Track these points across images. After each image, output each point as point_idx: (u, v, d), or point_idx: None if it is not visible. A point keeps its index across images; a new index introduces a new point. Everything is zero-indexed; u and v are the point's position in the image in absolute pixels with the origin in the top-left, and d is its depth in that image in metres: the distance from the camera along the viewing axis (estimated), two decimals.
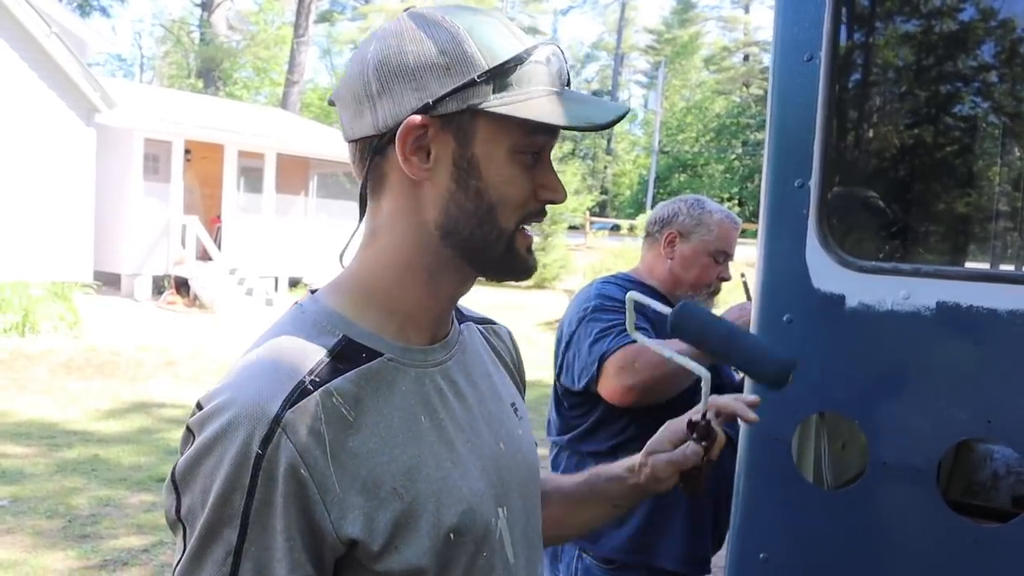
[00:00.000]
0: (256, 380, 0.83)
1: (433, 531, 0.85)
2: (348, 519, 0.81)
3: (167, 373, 9.35)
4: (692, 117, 43.59)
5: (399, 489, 0.83)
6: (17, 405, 7.72)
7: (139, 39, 48.94)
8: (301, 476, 0.79)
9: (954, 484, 2.15)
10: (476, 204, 0.87)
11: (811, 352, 1.42)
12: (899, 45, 1.47)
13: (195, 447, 0.80)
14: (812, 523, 1.43)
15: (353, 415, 0.84)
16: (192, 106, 17.53)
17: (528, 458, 1.04)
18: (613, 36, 54.80)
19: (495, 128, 0.86)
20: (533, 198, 0.90)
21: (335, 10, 42.41)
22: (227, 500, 0.78)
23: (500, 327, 1.16)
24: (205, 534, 0.79)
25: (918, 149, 1.53)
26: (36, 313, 10.71)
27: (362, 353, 0.88)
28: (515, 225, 0.89)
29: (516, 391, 1.11)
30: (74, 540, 4.70)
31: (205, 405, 0.82)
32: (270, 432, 0.79)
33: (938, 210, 1.62)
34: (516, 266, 0.91)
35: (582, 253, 22.29)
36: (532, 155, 0.89)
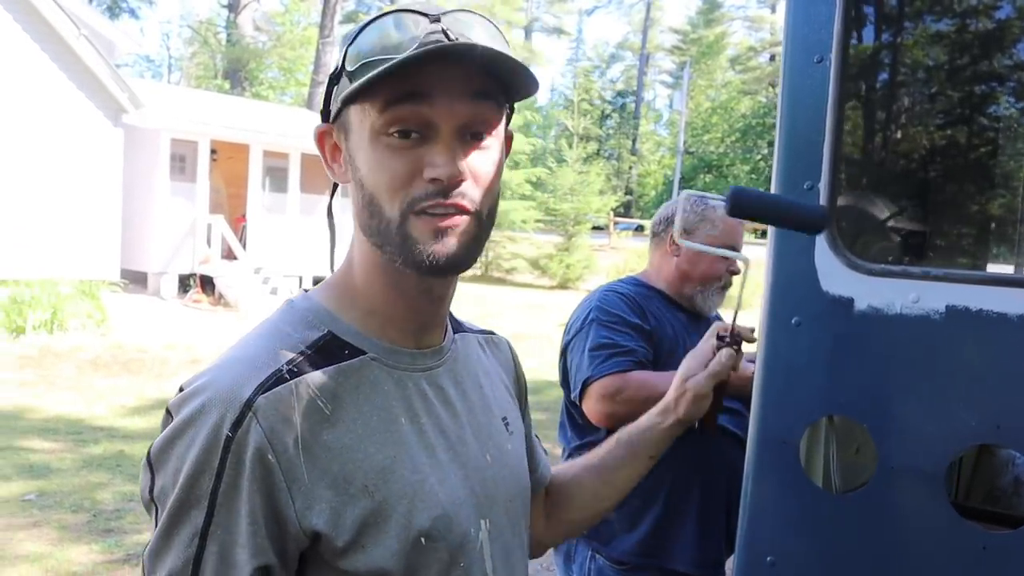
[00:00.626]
0: (234, 366, 0.84)
1: (402, 533, 0.83)
2: (314, 511, 0.80)
3: (191, 371, 9.43)
4: (718, 117, 43.32)
5: (370, 487, 0.83)
6: (45, 401, 7.85)
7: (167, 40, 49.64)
8: (268, 461, 0.79)
9: (974, 490, 2.12)
10: (361, 195, 0.86)
11: (819, 355, 1.41)
12: (910, 46, 1.46)
13: (170, 428, 0.82)
14: (820, 527, 1.42)
15: (330, 409, 0.83)
16: (218, 106, 17.70)
17: (516, 474, 1.02)
18: (638, 36, 54.58)
19: (358, 117, 0.84)
20: (418, 179, 0.83)
21: (360, 11, 42.63)
22: (196, 481, 0.79)
23: (499, 338, 1.15)
24: (174, 514, 0.79)
25: (928, 151, 1.52)
26: (64, 311, 10.86)
27: (345, 350, 0.88)
28: (399, 211, 0.83)
29: (511, 405, 1.08)
30: (98, 534, 4.77)
31: (186, 388, 0.84)
32: (240, 416, 0.79)
33: (949, 213, 1.60)
34: (415, 256, 0.84)
35: (606, 253, 22.25)
36: (405, 134, 0.82)
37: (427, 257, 0.83)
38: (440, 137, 0.82)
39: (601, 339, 2.02)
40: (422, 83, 0.80)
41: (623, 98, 53.85)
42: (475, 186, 0.85)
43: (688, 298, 2.19)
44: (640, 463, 1.21)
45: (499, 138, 0.88)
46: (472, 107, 0.83)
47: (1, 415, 7.24)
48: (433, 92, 0.81)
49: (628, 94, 53.70)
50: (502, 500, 0.96)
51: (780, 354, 1.43)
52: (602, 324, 2.05)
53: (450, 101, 0.82)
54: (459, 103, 0.82)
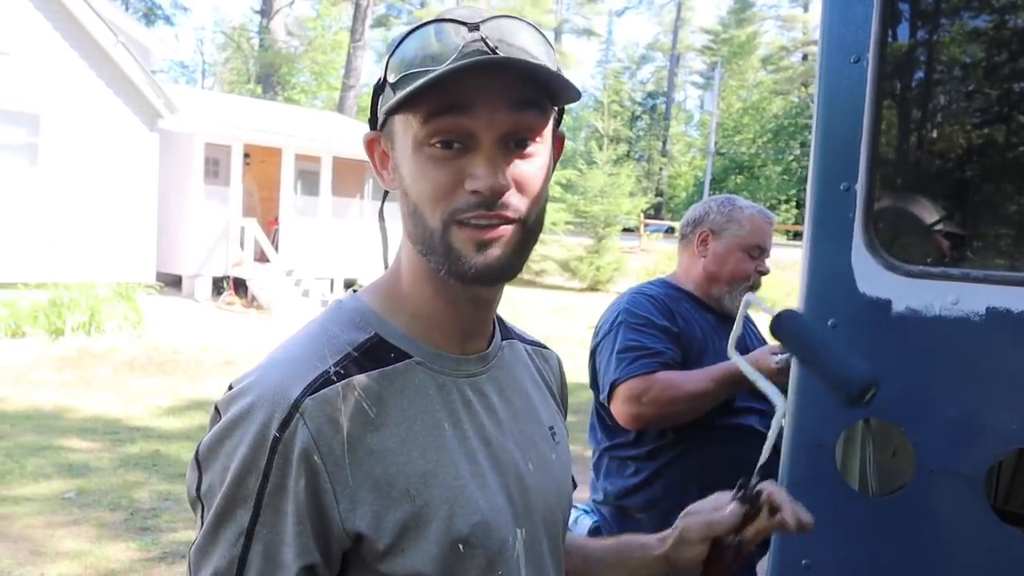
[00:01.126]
0: (282, 366, 0.84)
1: (442, 538, 0.83)
2: (357, 513, 0.81)
3: (226, 372, 9.57)
4: (749, 118, 42.97)
5: (412, 491, 0.83)
6: (83, 401, 7.99)
7: (201, 46, 50.20)
8: (314, 462, 0.79)
9: (1014, 495, 2.08)
10: (406, 205, 0.86)
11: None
12: (949, 46, 1.44)
13: (219, 427, 0.82)
14: (856, 530, 1.41)
15: (375, 412, 0.84)
16: (251, 111, 17.91)
17: (559, 484, 1.00)
18: (669, 37, 54.33)
19: (402, 127, 0.85)
20: (460, 190, 0.82)
21: (391, 15, 42.90)
22: (243, 481, 0.79)
23: (550, 352, 1.13)
24: (221, 512, 0.80)
25: (967, 152, 1.50)
26: (102, 313, 11.05)
27: (391, 353, 0.88)
28: (443, 221, 0.83)
29: (559, 416, 1.08)
30: (135, 532, 4.85)
31: (235, 387, 0.84)
32: (288, 416, 0.79)
33: (988, 214, 1.58)
34: (457, 266, 0.84)
35: (636, 255, 22.16)
36: (447, 144, 0.82)
37: (469, 268, 0.84)
38: (481, 148, 0.82)
39: (628, 341, 2.02)
40: (462, 94, 0.80)
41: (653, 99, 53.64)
42: (520, 195, 0.84)
43: (716, 299, 2.19)
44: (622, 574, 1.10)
45: (546, 143, 0.87)
46: (514, 116, 0.82)
47: (41, 415, 7.39)
48: (474, 103, 0.81)
49: (658, 95, 53.47)
50: (540, 510, 0.95)
51: None
52: (630, 327, 2.05)
53: (490, 112, 0.81)
54: (500, 113, 0.81)
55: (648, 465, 2.09)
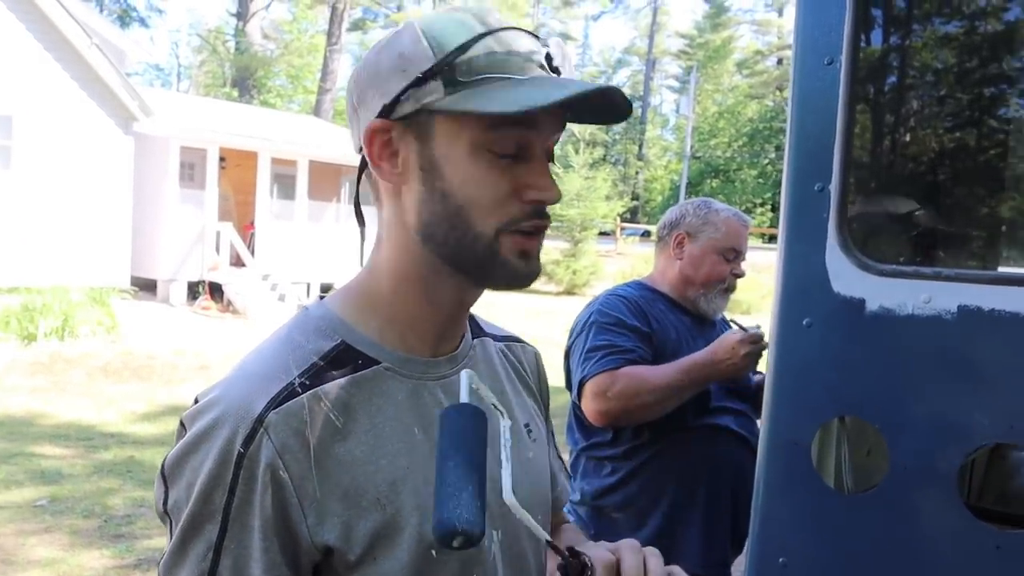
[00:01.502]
0: (247, 379, 0.83)
1: (414, 546, 0.83)
2: (325, 526, 0.80)
3: (201, 377, 9.49)
4: (724, 122, 43.30)
5: (382, 500, 0.82)
6: (56, 407, 7.89)
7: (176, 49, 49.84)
8: (280, 477, 0.79)
9: (987, 492, 2.12)
10: (444, 206, 0.84)
11: (831, 356, 1.41)
12: (920, 48, 1.47)
13: (184, 441, 0.81)
14: (832, 528, 1.42)
15: (342, 421, 0.83)
16: (227, 114, 17.78)
17: (535, 482, 0.99)
18: (645, 41, 54.63)
19: (452, 125, 0.82)
20: (516, 199, 0.83)
21: (368, 18, 42.80)
22: (209, 496, 0.79)
23: (527, 347, 1.12)
24: (188, 528, 0.80)
25: (939, 152, 1.52)
26: (75, 317, 10.91)
27: (358, 360, 0.86)
28: (494, 229, 0.83)
29: (535, 413, 1.06)
30: (110, 539, 4.79)
31: (200, 400, 0.84)
32: (252, 431, 0.79)
33: (959, 213, 1.60)
34: (500, 272, 0.85)
35: (613, 259, 22.24)
36: (507, 153, 0.83)
37: (513, 275, 0.85)
38: (536, 158, 0.84)
39: (598, 341, 2.04)
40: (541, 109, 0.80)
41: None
42: None
43: (692, 301, 2.21)
44: None
45: None
46: (557, 133, 0.86)
47: (13, 421, 7.28)
48: (541, 119, 0.83)
49: (635, 99, 53.69)
50: None
51: (791, 355, 1.44)
52: (601, 327, 2.07)
53: (548, 127, 0.84)
54: (552, 128, 0.85)
55: (624, 465, 2.10)
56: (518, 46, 0.82)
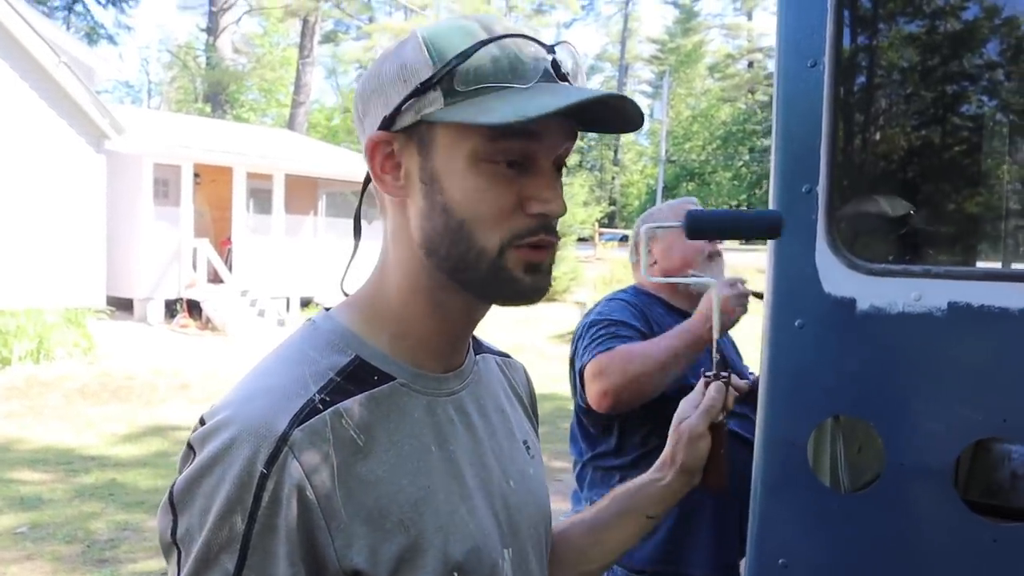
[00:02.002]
0: (263, 396, 0.78)
1: (439, 568, 0.80)
2: (353, 548, 0.76)
3: (181, 396, 9.39)
4: (698, 125, 43.60)
5: (406, 521, 0.79)
6: (34, 431, 7.77)
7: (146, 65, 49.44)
8: (307, 499, 0.74)
9: (972, 485, 2.13)
10: (445, 221, 0.81)
11: (824, 356, 1.42)
12: (903, 48, 1.48)
13: (195, 465, 0.75)
14: (830, 527, 1.42)
15: (363, 440, 0.79)
16: (200, 130, 17.67)
17: (539, 499, 0.98)
18: (617, 47, 54.95)
19: (452, 137, 0.80)
20: (520, 211, 0.81)
21: (339, 30, 42.68)
22: (227, 522, 0.73)
23: (515, 362, 1.11)
24: (201, 559, 0.73)
25: (925, 151, 1.53)
26: (50, 339, 10.78)
27: (374, 376, 0.83)
28: (499, 243, 0.80)
29: (531, 429, 1.06)
30: (94, 565, 4.72)
31: (208, 420, 0.78)
32: (276, 451, 0.74)
33: (947, 211, 1.62)
34: (507, 288, 0.82)
35: (592, 265, 22.28)
36: (510, 163, 0.80)
37: (521, 290, 0.82)
38: (542, 170, 0.81)
39: (598, 336, 2.04)
40: (539, 122, 0.77)
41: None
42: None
43: (684, 291, 2.22)
44: (634, 523, 1.11)
45: None
46: (565, 144, 0.83)
47: None
48: (546, 130, 0.80)
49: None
50: (525, 527, 0.93)
51: (784, 357, 1.44)
52: (601, 326, 2.08)
53: (552, 136, 0.81)
54: (558, 139, 0.82)
55: (633, 474, 2.08)
56: (523, 54, 0.80)
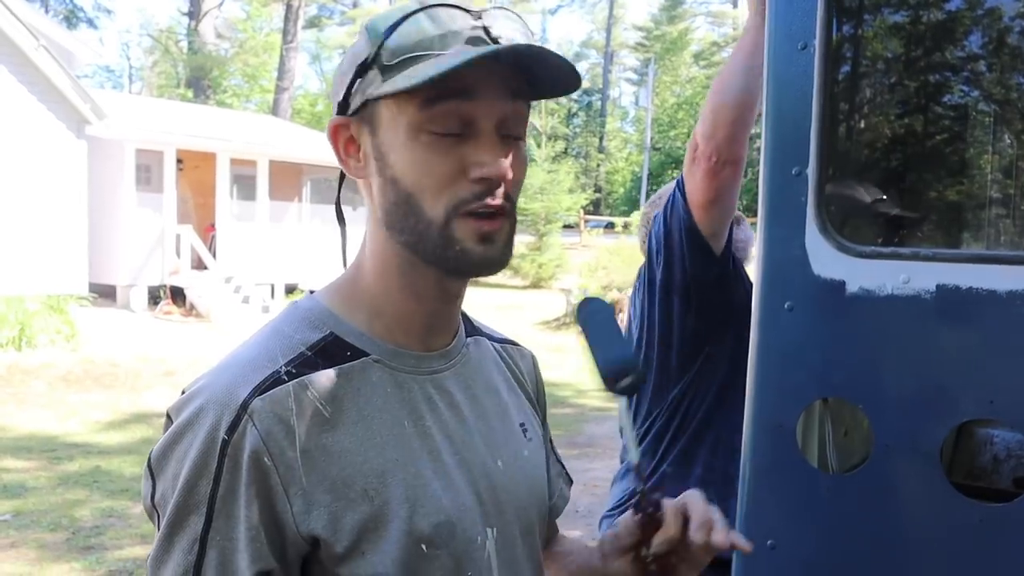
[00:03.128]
0: (232, 368, 0.83)
1: (403, 539, 0.81)
2: (312, 515, 0.78)
3: (166, 383, 9.34)
4: (683, 113, 43.59)
5: (370, 491, 0.81)
6: (16, 419, 7.71)
7: (127, 50, 48.89)
8: (264, 464, 0.77)
9: (956, 468, 2.16)
10: (395, 194, 0.83)
11: (813, 338, 1.43)
12: (893, 32, 1.48)
13: (169, 432, 0.80)
14: (819, 509, 1.44)
15: (329, 411, 0.82)
16: (182, 115, 17.51)
17: (532, 482, 0.98)
18: (602, 34, 54.84)
19: (392, 112, 0.82)
20: (463, 178, 0.81)
21: (323, 15, 42.35)
22: (194, 486, 0.77)
23: (524, 350, 1.11)
24: (174, 520, 0.78)
25: (915, 134, 1.54)
26: (32, 327, 10.68)
27: (347, 351, 0.86)
28: (444, 212, 0.81)
29: (532, 414, 1.05)
30: (79, 552, 4.70)
31: (186, 391, 0.83)
32: (236, 418, 0.78)
33: (936, 194, 1.63)
34: (460, 259, 0.83)
35: (578, 252, 22.31)
36: (449, 133, 0.81)
37: (471, 261, 0.83)
38: (483, 135, 0.81)
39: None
40: (467, 81, 0.79)
41: (589, 96, 54.03)
42: (512, 187, 0.84)
43: None
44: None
45: (525, 135, 0.87)
46: (510, 105, 0.82)
47: None
48: (477, 90, 0.80)
49: (594, 92, 53.89)
50: (512, 509, 0.93)
51: (773, 339, 1.45)
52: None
53: (492, 99, 0.81)
54: (500, 101, 0.81)
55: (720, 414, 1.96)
56: (455, 23, 0.80)
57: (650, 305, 1.94)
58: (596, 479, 6.48)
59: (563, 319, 15.45)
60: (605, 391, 0.90)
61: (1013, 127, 1.99)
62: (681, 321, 1.88)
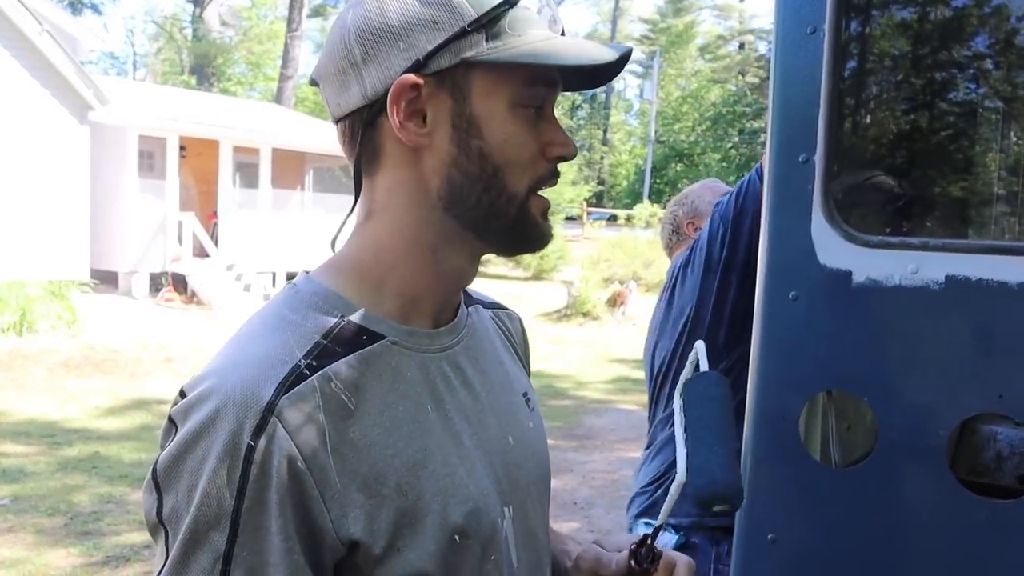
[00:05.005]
0: (246, 364, 0.75)
1: (439, 532, 0.77)
2: (349, 518, 0.73)
3: (166, 370, 9.33)
4: (688, 106, 43.47)
5: (403, 486, 0.76)
6: (16, 404, 7.70)
7: (131, 36, 48.63)
8: (298, 470, 0.71)
9: (958, 464, 2.13)
10: (481, 167, 0.79)
11: (818, 329, 1.40)
12: (905, 15, 1.45)
13: (178, 440, 0.72)
14: (821, 503, 1.41)
15: (354, 403, 0.76)
16: (186, 102, 17.46)
17: (537, 454, 0.94)
18: (608, 26, 54.64)
19: (493, 81, 0.79)
20: (542, 158, 0.82)
21: (328, 4, 42.18)
22: (214, 499, 0.69)
23: (511, 312, 1.08)
24: (190, 538, 0.70)
25: (926, 121, 1.51)
26: (33, 312, 10.67)
27: (362, 335, 0.79)
28: (526, 188, 0.82)
29: (528, 380, 1.02)
30: (76, 537, 4.69)
31: (189, 392, 0.74)
32: (262, 421, 0.70)
33: (945, 183, 1.60)
34: (531, 233, 0.84)
35: (580, 244, 22.27)
36: (535, 110, 0.82)
37: (541, 235, 0.85)
38: (551, 117, 0.83)
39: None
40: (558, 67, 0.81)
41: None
42: None
43: None
44: None
45: None
46: None
47: None
48: (560, 78, 0.83)
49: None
50: (524, 484, 0.90)
51: (778, 329, 1.42)
52: None
53: (559, 86, 0.85)
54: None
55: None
56: (546, 10, 0.83)
57: (706, 284, 2.08)
58: (594, 471, 6.47)
59: (564, 311, 15.44)
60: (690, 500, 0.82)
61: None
62: (735, 299, 2.02)
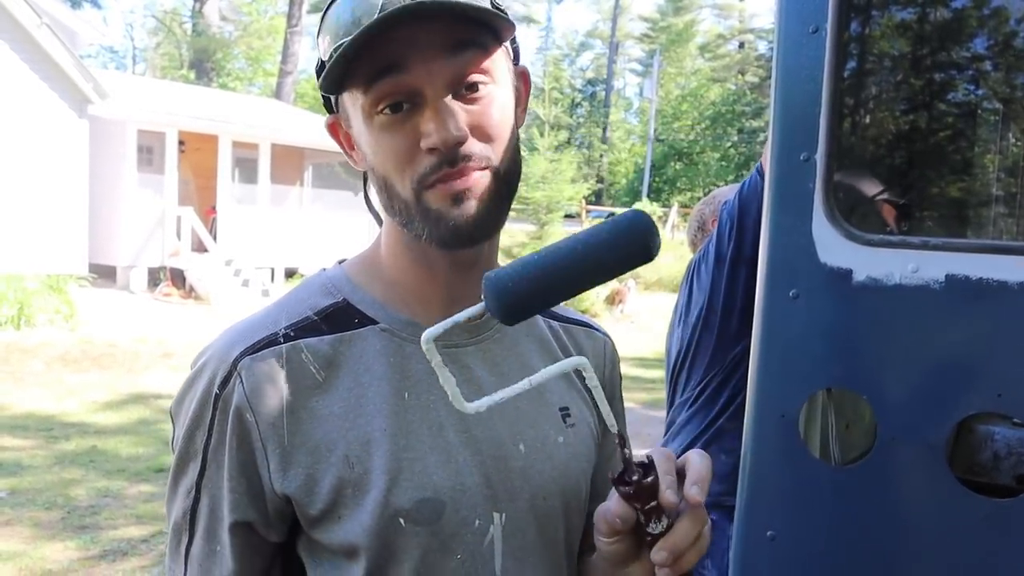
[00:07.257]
0: (238, 328, 0.87)
1: (377, 510, 0.80)
2: (288, 474, 0.81)
3: (164, 365, 9.32)
4: (687, 105, 43.46)
5: (351, 458, 0.81)
6: (14, 398, 7.70)
7: (131, 30, 48.51)
8: (247, 420, 0.81)
9: (955, 464, 2.14)
10: (376, 181, 0.85)
11: (818, 327, 1.40)
12: (908, 13, 1.45)
13: (182, 383, 0.87)
14: (820, 500, 1.42)
15: (323, 375, 0.84)
16: (185, 97, 17.44)
17: (564, 469, 0.90)
18: (608, 24, 54.59)
19: (349, 102, 0.84)
20: (420, 151, 0.79)
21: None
22: (193, 436, 0.83)
23: (596, 334, 1.03)
24: (178, 465, 0.85)
25: (928, 120, 1.51)
26: (31, 306, 10.66)
27: (355, 319, 0.87)
28: (411, 189, 0.80)
29: (579, 399, 0.96)
30: (73, 531, 4.69)
31: None
32: (228, 374, 0.82)
33: (947, 182, 1.60)
34: (443, 225, 0.80)
35: None
36: (396, 107, 0.78)
37: (452, 226, 0.80)
38: (428, 103, 0.78)
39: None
40: (393, 52, 0.76)
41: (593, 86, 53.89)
42: (483, 142, 0.80)
43: None
44: None
45: (500, 82, 0.83)
46: (453, 62, 0.78)
47: None
48: (407, 58, 0.77)
49: (598, 82, 53.72)
50: (528, 495, 0.87)
51: (778, 327, 1.42)
52: None
53: (426, 63, 0.77)
54: (436, 63, 0.77)
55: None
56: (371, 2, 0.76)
57: (717, 276, 2.16)
58: None
59: None
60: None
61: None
62: (744, 289, 2.07)
